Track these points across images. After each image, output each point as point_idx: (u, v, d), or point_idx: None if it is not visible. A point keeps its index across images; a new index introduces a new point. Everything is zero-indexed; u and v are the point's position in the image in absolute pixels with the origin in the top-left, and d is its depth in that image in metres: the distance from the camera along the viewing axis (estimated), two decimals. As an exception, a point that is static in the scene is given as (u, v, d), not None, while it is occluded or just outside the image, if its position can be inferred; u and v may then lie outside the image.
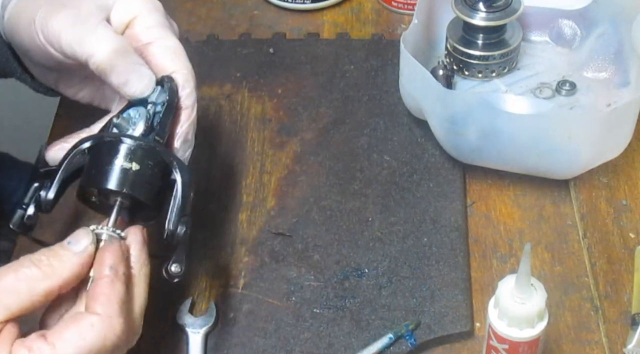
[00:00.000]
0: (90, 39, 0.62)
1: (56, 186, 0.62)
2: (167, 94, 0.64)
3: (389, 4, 0.97)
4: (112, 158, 0.61)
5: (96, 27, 0.63)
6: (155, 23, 0.66)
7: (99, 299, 0.56)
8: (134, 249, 0.61)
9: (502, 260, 0.74)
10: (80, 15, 0.63)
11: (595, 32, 0.84)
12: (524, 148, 0.73)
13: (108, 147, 0.62)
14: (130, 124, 0.63)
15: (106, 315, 0.56)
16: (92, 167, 0.62)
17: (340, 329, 0.69)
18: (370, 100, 0.86)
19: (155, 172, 0.62)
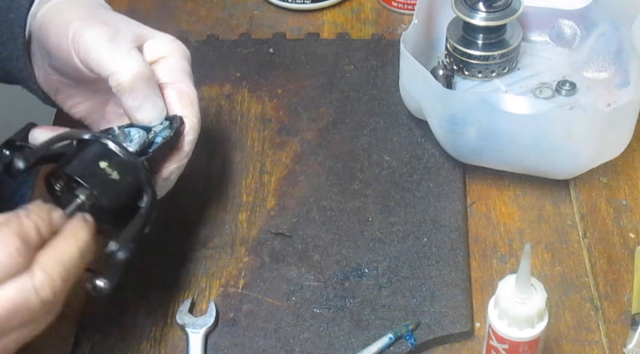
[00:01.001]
0: (121, 57, 0.64)
1: (32, 159, 0.62)
2: (172, 132, 0.66)
3: (389, 4, 0.97)
4: (98, 158, 0.62)
5: (129, 49, 0.65)
6: (178, 67, 0.68)
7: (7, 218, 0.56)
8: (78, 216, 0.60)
9: (502, 260, 0.74)
10: (117, 35, 0.66)
11: (595, 32, 0.84)
12: (524, 148, 0.73)
13: (99, 148, 0.62)
14: (127, 140, 0.65)
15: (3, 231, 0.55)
16: (76, 157, 0.62)
17: (340, 329, 0.69)
18: (370, 100, 0.86)
19: (129, 191, 0.63)
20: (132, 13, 0.97)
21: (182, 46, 0.70)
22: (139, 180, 0.63)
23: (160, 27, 0.96)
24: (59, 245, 0.57)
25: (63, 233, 0.58)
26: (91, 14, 0.67)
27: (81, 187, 0.61)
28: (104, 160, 0.62)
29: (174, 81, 0.68)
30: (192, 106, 0.68)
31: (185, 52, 0.70)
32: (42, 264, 0.56)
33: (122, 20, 0.69)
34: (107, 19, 0.67)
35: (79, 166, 0.61)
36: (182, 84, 0.68)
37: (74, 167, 0.61)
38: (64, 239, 0.58)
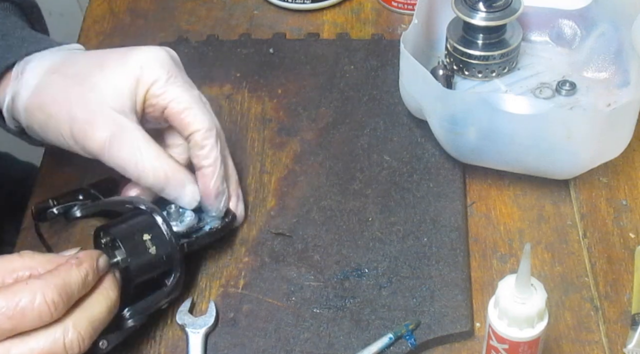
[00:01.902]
0: (138, 166, 0.67)
1: (89, 211, 0.69)
2: (221, 225, 0.72)
3: (389, 4, 0.97)
4: (144, 229, 0.66)
5: (140, 151, 0.67)
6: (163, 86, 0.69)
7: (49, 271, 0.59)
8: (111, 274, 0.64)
9: (502, 260, 0.74)
10: (118, 135, 0.66)
11: (595, 32, 0.84)
12: (524, 148, 0.73)
13: (149, 221, 0.67)
14: (178, 220, 0.70)
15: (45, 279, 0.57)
16: (126, 221, 0.67)
17: (340, 329, 0.69)
18: (370, 100, 0.86)
19: (159, 267, 0.67)
20: (132, 13, 0.98)
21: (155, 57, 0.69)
22: (172, 261, 0.67)
23: (160, 27, 0.97)
24: (93, 304, 0.60)
25: (97, 291, 0.61)
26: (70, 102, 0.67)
27: (119, 250, 0.65)
28: (148, 233, 0.66)
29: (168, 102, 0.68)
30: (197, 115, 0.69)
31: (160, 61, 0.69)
32: (76, 323, 0.59)
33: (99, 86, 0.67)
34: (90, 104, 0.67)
35: (125, 231, 0.66)
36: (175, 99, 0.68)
37: (121, 231, 0.66)
38: (97, 297, 0.61)
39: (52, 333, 0.57)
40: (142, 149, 0.67)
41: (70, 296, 0.58)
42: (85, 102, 0.67)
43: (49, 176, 0.81)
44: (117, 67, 0.68)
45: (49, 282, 0.57)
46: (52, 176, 0.81)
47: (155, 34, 0.95)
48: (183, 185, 0.69)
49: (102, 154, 0.67)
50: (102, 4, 0.99)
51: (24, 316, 0.56)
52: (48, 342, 0.57)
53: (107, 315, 0.61)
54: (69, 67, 0.69)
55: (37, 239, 0.73)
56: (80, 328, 0.58)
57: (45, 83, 0.68)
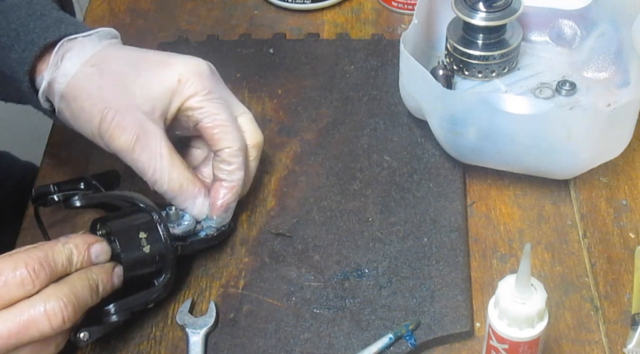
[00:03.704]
0: (156, 173, 0.69)
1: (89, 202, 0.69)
2: (216, 233, 0.72)
3: (389, 4, 0.97)
4: (140, 227, 0.67)
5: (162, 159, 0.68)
6: (201, 102, 0.70)
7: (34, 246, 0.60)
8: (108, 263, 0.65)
9: (502, 260, 0.74)
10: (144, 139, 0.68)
11: (595, 32, 0.84)
12: (524, 148, 0.73)
13: (147, 219, 0.67)
14: (176, 222, 0.71)
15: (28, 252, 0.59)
16: (124, 217, 0.68)
17: (340, 329, 0.69)
18: (370, 100, 0.86)
19: (150, 266, 0.67)
20: (132, 13, 0.98)
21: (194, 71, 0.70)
22: (164, 262, 0.68)
23: (160, 27, 0.97)
24: (76, 280, 0.61)
25: (83, 270, 0.62)
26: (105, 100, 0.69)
27: (114, 244, 0.66)
28: (144, 231, 0.66)
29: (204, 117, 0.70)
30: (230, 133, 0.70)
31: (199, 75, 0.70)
32: (58, 291, 0.59)
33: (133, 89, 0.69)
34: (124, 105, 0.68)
35: (121, 226, 0.67)
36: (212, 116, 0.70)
37: (118, 225, 0.66)
38: (81, 275, 0.62)
39: (33, 301, 0.58)
40: (162, 157, 0.68)
41: (53, 269, 0.59)
42: (117, 103, 0.68)
43: (49, 176, 0.81)
44: (154, 75, 0.69)
45: (30, 253, 0.59)
46: (52, 176, 0.81)
47: (155, 34, 0.95)
48: (194, 197, 0.70)
49: (124, 156, 0.69)
50: (102, 4, 0.99)
51: (6, 285, 0.57)
52: (29, 310, 0.58)
53: (89, 293, 0.61)
54: (107, 64, 0.70)
55: (37, 239, 0.72)
56: (62, 295, 0.59)
57: (82, 76, 0.69)
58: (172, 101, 0.69)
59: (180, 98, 0.69)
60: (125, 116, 0.68)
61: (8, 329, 0.57)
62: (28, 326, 0.58)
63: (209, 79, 0.70)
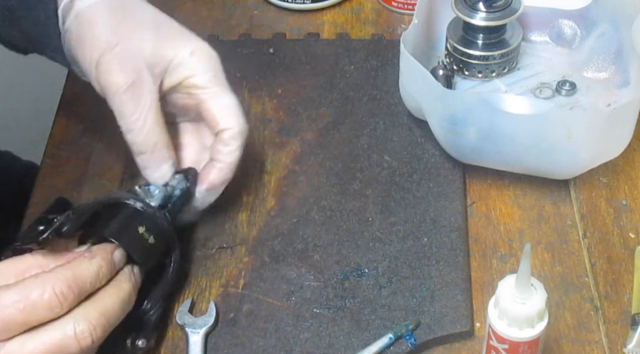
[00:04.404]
0: (136, 121, 0.67)
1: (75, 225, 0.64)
2: (189, 183, 0.70)
3: (389, 4, 0.97)
4: (136, 223, 0.66)
5: (146, 108, 0.67)
6: (209, 81, 0.70)
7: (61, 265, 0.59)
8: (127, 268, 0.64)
9: (502, 260, 0.74)
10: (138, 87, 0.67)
11: (595, 32, 0.84)
12: (524, 148, 0.73)
13: (133, 212, 0.66)
14: (148, 197, 0.68)
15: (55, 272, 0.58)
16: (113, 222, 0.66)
17: (340, 329, 0.69)
18: (370, 100, 0.86)
19: (161, 252, 0.67)
20: (132, 13, 0.98)
21: (205, 56, 0.70)
22: (169, 241, 0.67)
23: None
24: (105, 296, 0.61)
25: (110, 284, 0.62)
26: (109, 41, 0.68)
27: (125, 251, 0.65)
28: (141, 225, 0.65)
29: (209, 96, 0.70)
30: (231, 116, 0.70)
31: (208, 62, 0.70)
32: (87, 314, 0.59)
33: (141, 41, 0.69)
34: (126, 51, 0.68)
35: (120, 230, 0.65)
36: (216, 97, 0.70)
37: (116, 231, 0.65)
38: (109, 290, 0.61)
39: (62, 324, 0.58)
40: (150, 109, 0.67)
41: (82, 289, 0.59)
42: (128, 42, 0.68)
43: (49, 176, 0.81)
44: (171, 38, 0.70)
45: (58, 274, 0.58)
46: (52, 176, 0.81)
47: (155, 34, 0.95)
48: (162, 161, 0.69)
49: (112, 94, 0.67)
50: (102, 4, 0.99)
51: (34, 309, 0.57)
52: (59, 333, 0.57)
53: (120, 307, 0.61)
54: (132, 7, 0.70)
55: None
56: (91, 318, 0.58)
57: (105, 4, 0.69)
58: (177, 70, 0.69)
59: (187, 71, 0.69)
60: (130, 55, 0.67)
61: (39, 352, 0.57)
62: (57, 350, 0.57)
63: (218, 64, 0.71)
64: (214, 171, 0.70)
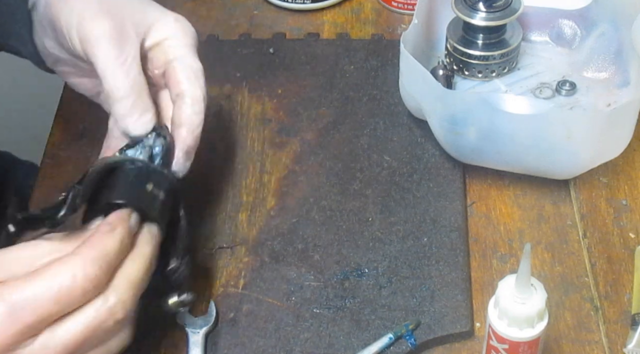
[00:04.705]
0: (118, 66, 0.65)
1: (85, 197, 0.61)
2: (166, 139, 0.67)
3: (389, 4, 0.97)
4: (142, 181, 0.63)
5: (130, 56, 0.65)
6: (182, 44, 0.69)
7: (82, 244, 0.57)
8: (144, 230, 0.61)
9: (502, 260, 0.74)
10: (121, 34, 0.66)
11: (595, 32, 0.84)
12: (524, 148, 0.73)
13: (136, 170, 0.63)
14: None
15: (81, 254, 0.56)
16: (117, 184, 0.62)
17: (340, 329, 0.69)
18: (370, 100, 0.86)
19: (170, 206, 0.65)
20: (132, 13, 0.98)
21: (186, 25, 0.70)
22: (176, 194, 0.65)
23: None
24: (129, 265, 0.59)
25: (133, 252, 0.60)
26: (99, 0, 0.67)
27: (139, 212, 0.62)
28: (149, 183, 0.63)
29: (179, 57, 0.69)
30: (197, 80, 0.69)
31: (189, 30, 0.70)
32: (115, 288, 0.58)
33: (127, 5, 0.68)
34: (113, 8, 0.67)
35: (133, 195, 0.62)
36: (186, 58, 0.69)
37: (131, 198, 0.62)
38: (132, 257, 0.60)
39: (93, 305, 0.56)
40: (134, 59, 0.66)
41: (109, 265, 0.57)
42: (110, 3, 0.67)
43: (49, 176, 0.81)
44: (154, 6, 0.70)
45: (85, 256, 0.56)
46: (52, 176, 0.81)
47: (155, 34, 0.95)
48: (145, 110, 0.67)
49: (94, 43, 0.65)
50: (102, 4, 0.99)
51: (69, 297, 0.55)
52: (91, 314, 0.56)
53: (145, 273, 0.60)
54: None
55: None
56: (120, 292, 0.57)
57: None
58: (160, 31, 0.68)
59: (167, 33, 0.68)
60: (114, 12, 0.66)
61: (75, 337, 0.56)
62: (91, 332, 0.57)
63: (196, 38, 0.71)
64: (184, 133, 0.68)
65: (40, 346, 0.55)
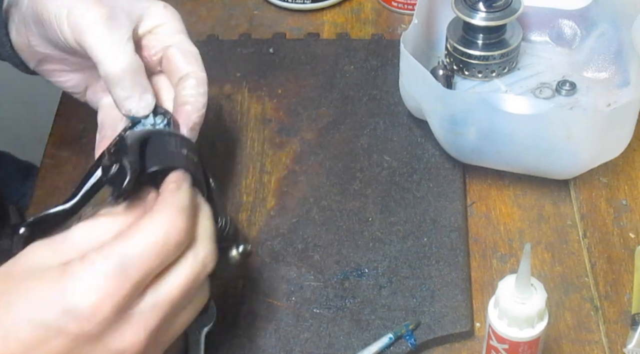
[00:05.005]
0: (113, 48, 0.64)
1: None
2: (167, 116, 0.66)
3: (389, 4, 0.97)
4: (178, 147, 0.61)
5: (122, 38, 0.65)
6: (176, 30, 0.69)
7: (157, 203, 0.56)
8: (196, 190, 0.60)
9: (502, 260, 0.74)
10: (113, 19, 0.65)
11: (595, 32, 0.84)
12: (524, 148, 0.73)
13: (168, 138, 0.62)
14: None
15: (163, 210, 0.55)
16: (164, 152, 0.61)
17: (340, 329, 0.69)
18: (370, 100, 0.86)
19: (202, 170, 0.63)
20: (132, 13, 0.98)
21: (175, 12, 0.70)
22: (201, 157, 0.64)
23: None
24: (203, 221, 0.58)
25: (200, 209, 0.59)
26: None
27: None
28: (183, 148, 0.61)
29: (175, 43, 0.69)
30: (197, 62, 0.69)
31: (178, 16, 0.70)
32: (201, 241, 0.57)
33: None
34: None
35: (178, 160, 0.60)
36: (182, 44, 0.69)
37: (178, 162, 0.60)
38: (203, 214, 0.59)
39: (186, 259, 0.56)
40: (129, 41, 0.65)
41: (190, 219, 0.56)
42: None
43: (49, 176, 0.81)
44: None
45: (169, 212, 0.55)
46: (52, 176, 0.81)
47: (155, 34, 0.95)
48: (146, 90, 0.66)
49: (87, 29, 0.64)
50: (102, 4, 0.99)
51: (166, 251, 0.54)
52: (187, 268, 0.55)
53: (212, 224, 0.59)
54: None
55: None
56: (205, 244, 0.57)
57: None
58: (151, 17, 0.68)
59: (159, 20, 0.68)
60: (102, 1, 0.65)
61: (177, 292, 0.55)
62: (193, 282, 0.56)
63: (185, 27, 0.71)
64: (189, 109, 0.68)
65: (149, 305, 0.54)
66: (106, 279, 0.52)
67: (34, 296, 0.52)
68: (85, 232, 0.56)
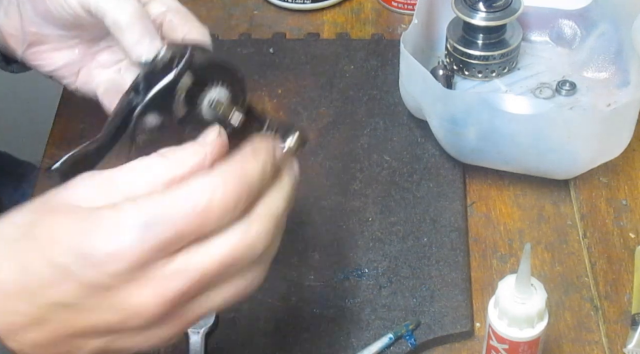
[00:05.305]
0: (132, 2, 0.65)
1: None
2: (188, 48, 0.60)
3: (389, 4, 0.97)
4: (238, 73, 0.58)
5: None
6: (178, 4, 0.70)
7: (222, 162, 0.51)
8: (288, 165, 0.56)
9: (502, 260, 0.74)
10: None
11: (595, 32, 0.84)
12: (524, 148, 0.73)
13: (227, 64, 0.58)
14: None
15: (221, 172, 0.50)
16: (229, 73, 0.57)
17: (340, 329, 0.69)
18: (370, 100, 0.86)
19: None
20: (132, 13, 0.98)
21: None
22: None
23: (160, 27, 0.96)
24: (273, 198, 0.53)
25: (276, 185, 0.54)
26: None
27: None
28: None
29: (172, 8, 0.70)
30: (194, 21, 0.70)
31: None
32: (258, 217, 0.52)
33: None
34: None
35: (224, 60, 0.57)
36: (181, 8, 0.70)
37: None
38: (277, 191, 0.54)
39: (233, 232, 0.50)
40: None
41: (251, 190, 0.51)
42: None
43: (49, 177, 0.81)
44: None
45: (226, 175, 0.50)
46: (52, 176, 0.81)
47: (155, 34, 0.95)
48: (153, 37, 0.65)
49: None
50: (102, 4, 0.99)
51: (206, 217, 0.49)
52: (231, 242, 0.50)
53: (285, 209, 0.54)
54: None
55: None
56: (263, 223, 0.52)
57: None
58: None
59: None
60: None
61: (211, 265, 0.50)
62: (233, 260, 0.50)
63: None
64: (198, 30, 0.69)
65: (174, 269, 0.49)
66: (130, 232, 0.48)
67: (56, 233, 0.49)
68: (135, 175, 0.51)
